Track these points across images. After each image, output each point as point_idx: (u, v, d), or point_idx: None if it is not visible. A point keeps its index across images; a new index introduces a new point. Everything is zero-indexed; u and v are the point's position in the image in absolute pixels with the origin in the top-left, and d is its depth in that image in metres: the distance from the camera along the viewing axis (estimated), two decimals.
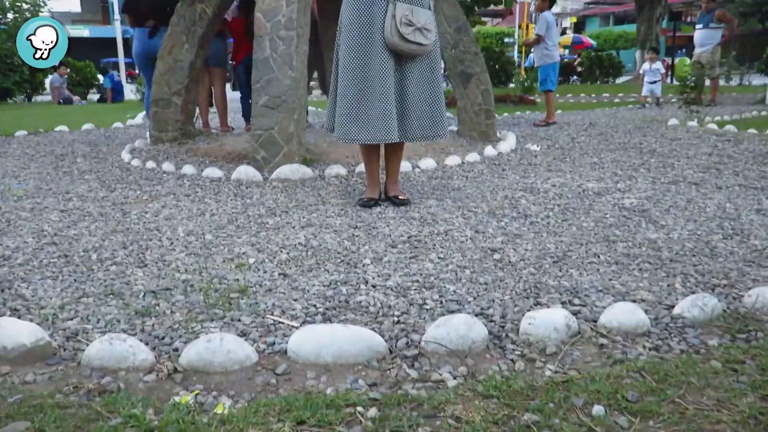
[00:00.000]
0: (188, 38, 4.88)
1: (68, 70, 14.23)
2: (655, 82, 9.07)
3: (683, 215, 2.80)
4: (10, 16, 14.10)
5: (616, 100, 11.35)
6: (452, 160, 4.16)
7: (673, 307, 1.73)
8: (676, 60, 18.34)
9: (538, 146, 4.88)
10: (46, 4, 14.96)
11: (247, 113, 6.08)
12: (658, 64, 9.39)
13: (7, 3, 14.11)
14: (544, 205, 3.04)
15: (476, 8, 17.75)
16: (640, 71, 9.37)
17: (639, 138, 5.30)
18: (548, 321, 1.55)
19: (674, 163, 4.13)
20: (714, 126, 5.92)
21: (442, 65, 4.75)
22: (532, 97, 11.24)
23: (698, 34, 9.35)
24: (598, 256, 2.24)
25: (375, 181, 3.14)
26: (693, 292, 1.85)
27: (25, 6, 14.30)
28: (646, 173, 3.82)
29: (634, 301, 1.77)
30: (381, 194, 3.15)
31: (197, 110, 5.78)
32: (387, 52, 2.84)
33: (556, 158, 4.42)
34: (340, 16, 2.96)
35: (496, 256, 2.26)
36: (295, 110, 3.78)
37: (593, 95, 12.85)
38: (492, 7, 18.00)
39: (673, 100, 9.87)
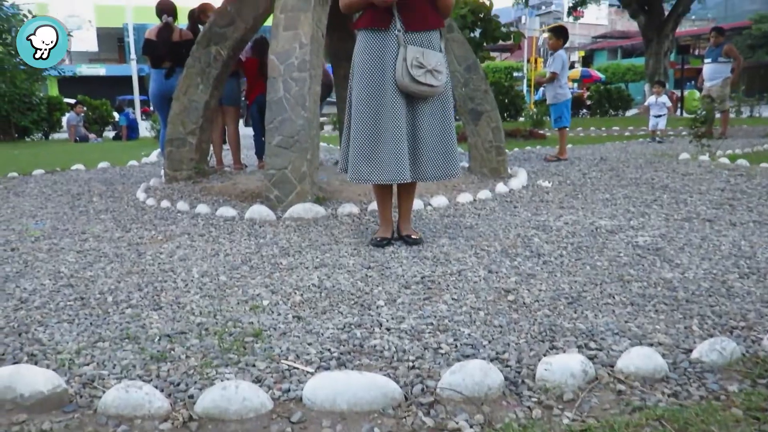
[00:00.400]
0: (203, 79, 4.98)
1: (84, 109, 14.51)
2: (660, 115, 9.10)
3: (698, 253, 2.79)
4: None
5: (626, 134, 11.39)
6: (464, 198, 4.17)
7: (691, 351, 1.71)
8: (686, 92, 18.46)
9: (549, 182, 4.89)
10: (69, 37, 15.33)
11: (260, 151, 6.17)
12: (664, 98, 9.42)
13: None
14: (557, 243, 3.03)
15: (485, 44, 18.02)
16: (646, 103, 9.40)
17: (650, 173, 5.30)
18: (565, 367, 1.53)
19: (687, 199, 4.12)
20: (726, 160, 5.91)
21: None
22: (542, 132, 11.31)
23: (707, 68, 9.42)
24: (613, 297, 2.22)
25: (388, 220, 3.16)
26: (711, 335, 1.83)
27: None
28: (659, 210, 3.81)
29: (651, 345, 1.76)
30: (394, 233, 3.17)
31: (211, 148, 5.87)
32: (399, 94, 2.88)
33: (568, 195, 4.43)
34: (353, 58, 3.02)
35: (510, 297, 2.25)
36: (308, 150, 3.82)
37: (603, 128, 12.90)
38: (501, 42, 18.28)
39: (684, 133, 9.90)
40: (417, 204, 3.89)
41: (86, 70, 35.14)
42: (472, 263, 2.71)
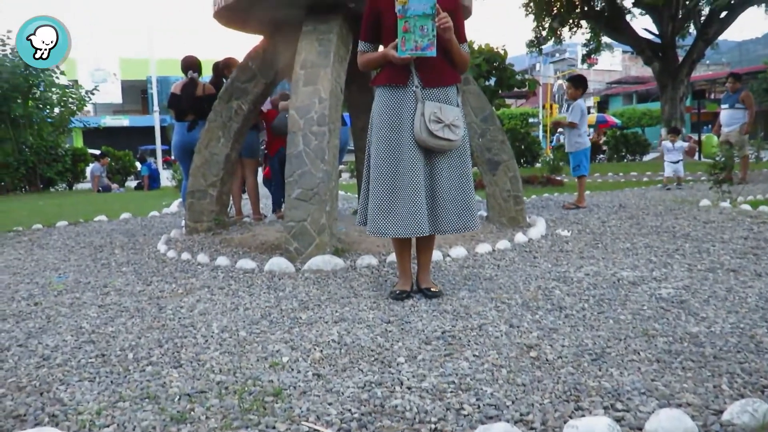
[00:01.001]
0: (224, 133, 5.09)
1: (108, 160, 14.85)
2: (678, 161, 9.05)
3: (724, 306, 2.74)
4: (56, 110, 14.89)
5: (645, 179, 11.34)
6: (483, 248, 4.16)
7: (721, 412, 1.67)
8: (703, 137, 18.41)
9: (568, 231, 4.87)
10: (90, 99, 15.82)
11: (277, 203, 6.21)
12: (680, 143, 9.38)
13: (54, 98, 14.94)
14: (579, 295, 3.00)
15: (500, 92, 18.25)
16: (662, 148, 9.37)
17: (671, 221, 5.26)
18: (592, 430, 1.50)
19: (709, 248, 4.07)
20: (747, 207, 5.85)
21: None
22: (559, 178, 11.31)
23: (724, 114, 9.43)
24: (638, 353, 2.18)
25: (407, 273, 3.15)
26: (741, 395, 1.78)
27: (71, 101, 15.12)
28: (682, 259, 3.76)
29: (680, 406, 1.71)
30: (413, 286, 3.15)
31: (231, 199, 5.95)
32: (417, 148, 2.92)
33: (588, 244, 4.40)
34: (371, 113, 3.07)
35: (533, 353, 2.22)
36: (327, 202, 3.86)
37: (621, 174, 12.88)
38: (516, 89, 18.51)
39: (703, 178, 9.84)
40: (436, 255, 3.88)
41: (110, 121, 36.14)
42: (493, 317, 2.68)
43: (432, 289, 3.08)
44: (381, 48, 3.04)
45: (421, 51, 2.82)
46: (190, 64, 6.14)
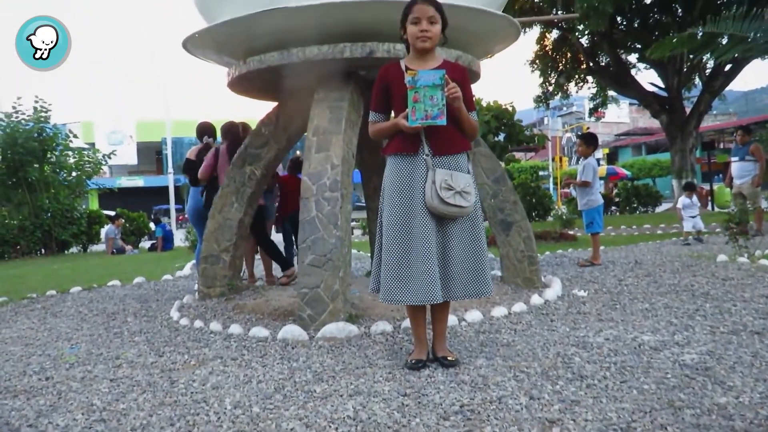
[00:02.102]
0: (237, 198, 5.13)
1: (123, 221, 15.00)
2: (696, 215, 8.97)
3: (751, 373, 2.65)
4: (73, 173, 15.17)
5: (659, 232, 11.26)
6: (499, 311, 4.10)
7: None
8: (715, 186, 18.37)
9: (585, 291, 4.80)
10: (107, 162, 16.13)
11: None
12: (695, 198, 9.31)
13: (71, 162, 15.25)
14: (600, 363, 2.92)
15: (509, 147, 18.43)
16: (679, 206, 9.30)
17: (689, 278, 5.17)
18: None
19: (731, 308, 3.98)
20: (766, 262, 5.76)
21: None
22: (572, 232, 11.26)
23: (735, 166, 9.41)
24: (666, 428, 2.10)
25: (422, 341, 3.10)
26: None
27: (87, 165, 15.43)
28: (703, 321, 3.67)
29: None
30: (429, 354, 3.09)
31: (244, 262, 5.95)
32: (428, 216, 2.92)
33: (606, 305, 4.32)
34: (383, 181, 3.09)
35: (555, 429, 2.14)
36: (341, 268, 3.84)
37: (634, 227, 12.80)
38: (525, 144, 18.71)
39: (717, 230, 9.75)
40: (451, 319, 3.82)
41: (125, 182, 36.78)
42: (512, 388, 2.61)
43: (449, 358, 3.02)
44: (392, 117, 3.09)
45: (431, 120, 2.86)
46: (205, 130, 6.26)
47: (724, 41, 9.44)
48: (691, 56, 15.64)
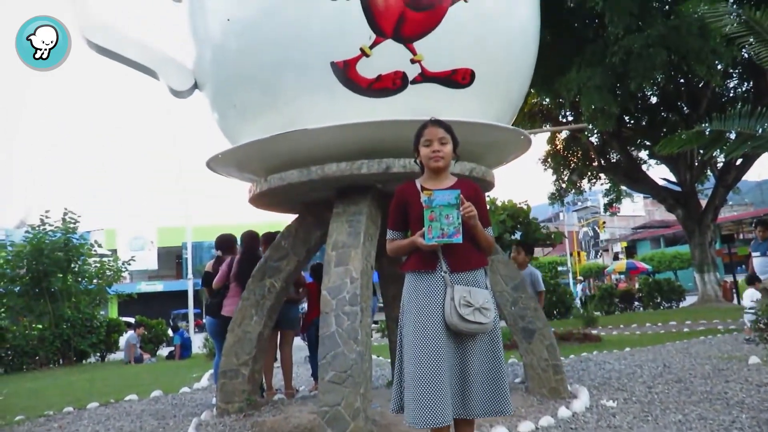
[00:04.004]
0: (257, 311, 5.15)
1: (143, 330, 14.99)
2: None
3: None
4: (94, 281, 15.34)
5: (686, 330, 10.99)
6: (525, 427, 3.96)
7: None
8: (739, 279, 18.05)
9: (614, 401, 4.63)
10: (127, 269, 16.34)
11: (316, 373, 6.12)
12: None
13: (92, 270, 15.47)
14: None
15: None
16: (744, 304, 9.05)
17: (722, 384, 4.99)
18: None
19: None
20: None
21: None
22: (595, 332, 11.03)
23: (757, 261, 9.30)
24: None
25: None
26: None
27: (108, 272, 15.64)
28: None
29: None
30: None
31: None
32: (448, 333, 2.92)
33: (637, 417, 4.16)
34: (402, 298, 3.10)
35: None
36: (361, 384, 3.79)
37: (660, 324, 12.51)
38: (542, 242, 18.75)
39: (746, 326, 9.48)
40: None
41: (145, 287, 37.05)
42: None
43: None
44: (408, 234, 3.15)
45: (448, 238, 2.91)
46: (220, 244, 6.39)
47: (732, 135, 9.63)
48: (701, 151, 15.89)
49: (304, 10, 4.18)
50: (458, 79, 4.38)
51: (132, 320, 22.03)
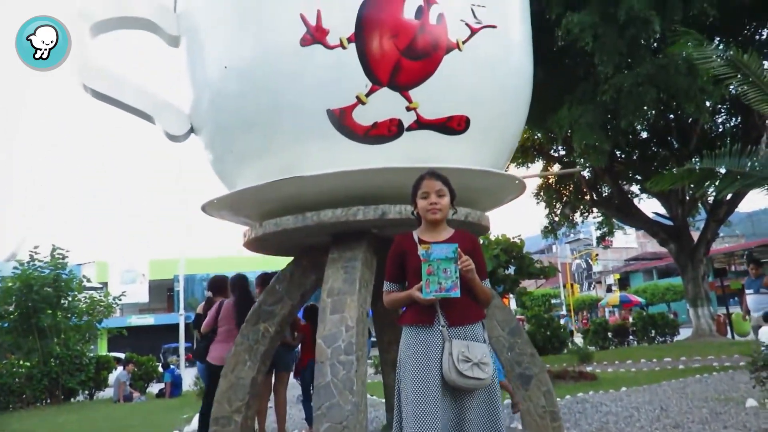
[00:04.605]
0: (250, 356, 5.08)
1: (133, 367, 14.77)
2: None
3: None
4: (85, 318, 15.16)
5: (681, 367, 10.92)
6: None
7: None
8: (733, 313, 18.06)
9: None
10: (118, 305, 16.18)
11: (310, 417, 6.05)
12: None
13: (82, 306, 15.30)
14: None
15: (520, 280, 18.41)
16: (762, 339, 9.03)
17: (720, 431, 4.95)
18: None
19: None
20: None
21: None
22: (590, 368, 10.97)
23: (750, 299, 9.32)
24: None
25: None
26: None
27: (99, 308, 15.47)
28: None
29: None
30: None
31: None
32: (446, 388, 2.90)
33: None
34: (399, 351, 3.08)
35: None
36: None
37: (654, 360, 12.43)
38: (535, 276, 18.73)
39: (742, 363, 9.46)
40: None
41: (135, 320, 36.64)
42: None
43: None
44: (406, 286, 3.14)
45: (445, 292, 2.90)
46: (210, 286, 6.36)
47: (722, 170, 9.74)
48: (692, 186, 16.06)
49: (301, 58, 4.23)
50: (453, 125, 4.42)
51: (122, 355, 21.69)
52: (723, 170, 9.67)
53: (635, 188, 19.86)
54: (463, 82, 4.40)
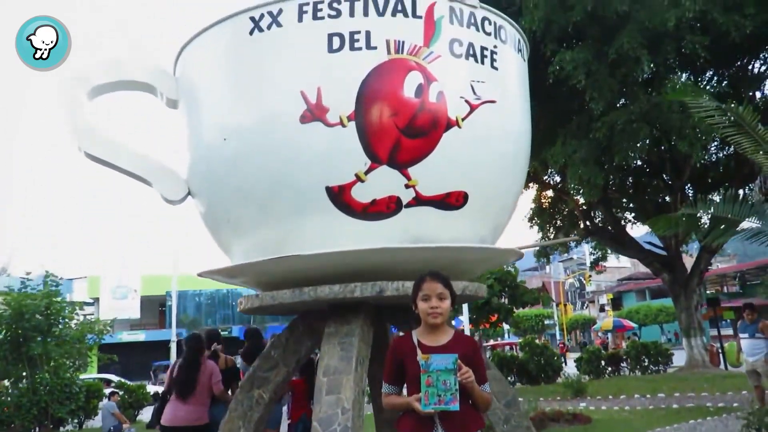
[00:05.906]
0: (244, 423, 5.02)
1: (118, 398, 14.52)
2: None
3: None
4: (76, 345, 15.01)
5: (674, 405, 10.93)
6: None
7: None
8: (726, 344, 18.07)
9: None
10: (110, 331, 16.04)
11: None
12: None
13: (74, 332, 15.14)
14: None
15: (514, 309, 18.45)
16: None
17: None
18: None
19: None
20: None
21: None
22: (583, 404, 10.94)
23: (745, 343, 9.37)
24: None
25: None
26: None
27: (89, 336, 15.33)
28: None
29: None
30: None
31: None
32: None
33: None
34: None
35: None
36: None
37: (648, 396, 12.42)
38: (529, 305, 18.78)
39: (735, 404, 9.48)
40: None
41: (126, 336, 36.37)
42: None
43: None
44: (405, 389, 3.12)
45: (444, 405, 2.88)
46: (214, 336, 6.32)
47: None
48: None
49: (300, 134, 4.21)
50: (452, 201, 4.41)
51: (113, 377, 21.48)
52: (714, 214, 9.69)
53: (629, 215, 19.95)
54: (462, 158, 4.39)
